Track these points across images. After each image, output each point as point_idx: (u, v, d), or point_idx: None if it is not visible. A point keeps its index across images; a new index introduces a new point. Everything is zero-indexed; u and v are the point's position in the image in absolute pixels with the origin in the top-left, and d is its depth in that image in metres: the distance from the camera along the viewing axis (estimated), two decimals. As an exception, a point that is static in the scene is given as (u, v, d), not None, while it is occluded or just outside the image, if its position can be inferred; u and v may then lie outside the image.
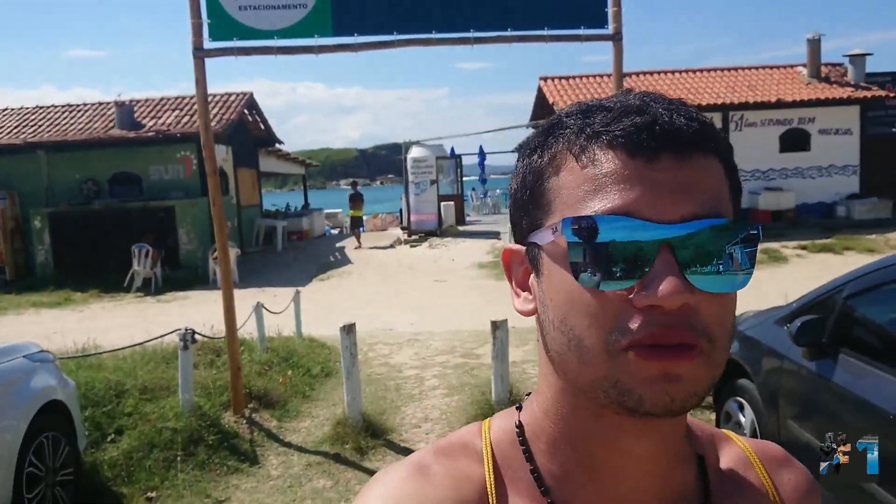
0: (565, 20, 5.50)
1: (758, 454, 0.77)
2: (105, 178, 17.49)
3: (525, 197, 0.65)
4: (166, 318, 11.49)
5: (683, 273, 0.56)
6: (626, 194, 0.57)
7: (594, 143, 0.60)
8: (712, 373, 0.59)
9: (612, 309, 0.57)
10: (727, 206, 0.61)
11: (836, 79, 20.19)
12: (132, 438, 4.87)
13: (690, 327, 0.57)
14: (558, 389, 0.66)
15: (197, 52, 5.25)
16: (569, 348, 0.60)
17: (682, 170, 0.58)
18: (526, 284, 0.68)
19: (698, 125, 0.60)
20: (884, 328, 3.39)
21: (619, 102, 0.62)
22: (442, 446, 0.71)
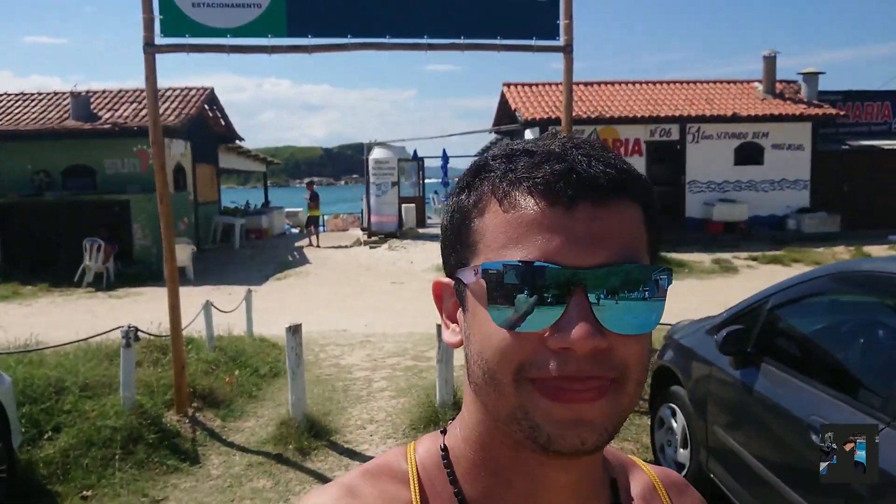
0: (518, 30, 5.60)
1: (662, 481, 0.81)
2: (58, 170, 17.13)
3: (453, 235, 0.68)
4: (117, 314, 11.32)
5: (596, 317, 0.59)
6: (544, 242, 0.60)
7: (516, 189, 0.62)
8: (622, 408, 0.61)
9: (527, 347, 0.60)
10: (642, 250, 0.63)
11: (789, 95, 20.75)
12: (70, 436, 4.80)
13: (602, 366, 0.59)
14: (479, 419, 0.68)
15: (148, 48, 5.22)
16: (486, 382, 0.63)
17: (597, 218, 0.60)
18: (455, 317, 0.70)
19: (616, 172, 0.62)
20: (802, 339, 3.54)
21: (542, 148, 0.64)
22: (368, 469, 0.73)
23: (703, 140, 19.67)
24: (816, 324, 3.52)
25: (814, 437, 2.81)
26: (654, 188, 0.67)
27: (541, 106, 19.57)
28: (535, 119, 18.78)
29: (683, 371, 4.27)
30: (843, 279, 3.38)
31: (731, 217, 19.13)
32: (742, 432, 3.56)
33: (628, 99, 20.41)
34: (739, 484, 3.54)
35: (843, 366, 3.18)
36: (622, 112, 19.45)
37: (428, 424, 5.41)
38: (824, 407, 2.87)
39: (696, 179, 19.71)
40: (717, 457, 3.82)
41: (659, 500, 0.78)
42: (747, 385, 3.48)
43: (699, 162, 19.57)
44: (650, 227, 0.66)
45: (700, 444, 4.02)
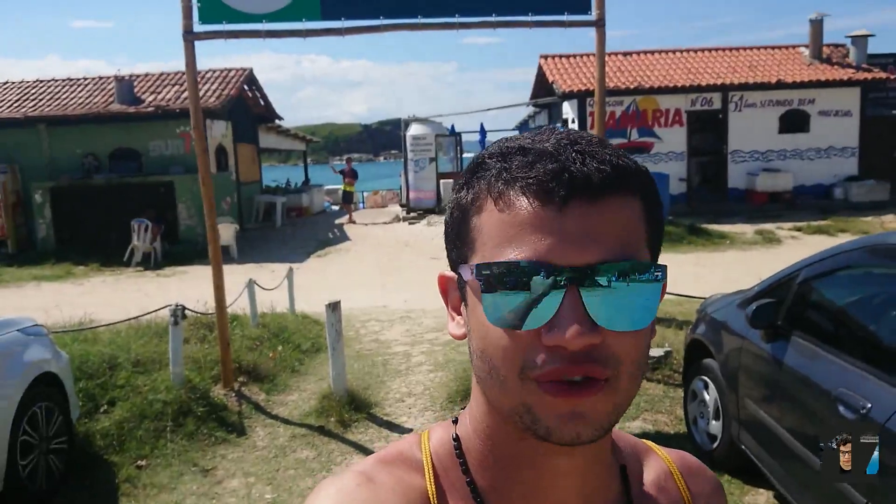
0: (549, 6, 5.59)
1: (677, 465, 0.82)
2: (105, 153, 17.59)
3: (453, 231, 0.69)
4: (165, 292, 11.69)
5: (589, 314, 0.60)
6: (537, 242, 0.61)
7: (510, 189, 0.63)
8: (618, 402, 0.63)
9: (522, 345, 0.61)
10: (639, 246, 0.64)
11: (837, 60, 20.13)
12: (124, 409, 5.06)
13: (595, 361, 0.60)
14: (486, 410, 0.70)
15: (187, 35, 5.36)
16: (489, 377, 0.64)
17: (590, 216, 0.61)
18: (459, 309, 0.71)
19: (610, 169, 0.62)
20: (832, 312, 3.54)
21: (536, 145, 0.65)
22: (383, 457, 0.74)
23: (746, 108, 19.25)
24: (848, 297, 3.52)
25: (841, 409, 2.84)
26: (654, 181, 0.68)
27: (578, 78, 19.35)
28: (572, 91, 18.60)
29: (715, 344, 4.31)
30: (877, 252, 3.36)
31: (776, 187, 18.76)
32: (772, 405, 3.60)
33: (668, 68, 20.05)
34: (770, 455, 3.58)
35: (873, 339, 3.18)
36: (662, 82, 19.12)
37: (465, 397, 5.54)
38: (852, 379, 2.90)
39: (739, 149, 19.34)
40: (748, 428, 3.86)
41: (674, 483, 0.80)
42: (777, 358, 3.51)
43: (742, 131, 19.18)
44: (650, 221, 0.66)
45: (732, 417, 4.06)
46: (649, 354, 0.66)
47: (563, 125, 21.04)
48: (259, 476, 4.55)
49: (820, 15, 20.25)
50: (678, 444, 4.60)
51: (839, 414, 2.85)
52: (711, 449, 4.33)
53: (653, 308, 0.63)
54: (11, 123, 17.19)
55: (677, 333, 6.84)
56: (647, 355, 0.66)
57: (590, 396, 0.60)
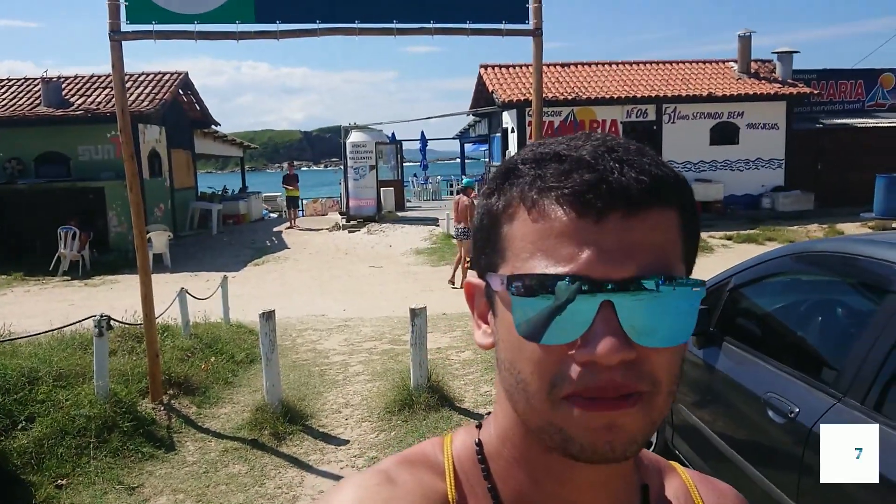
0: (487, 14, 5.60)
1: (697, 485, 0.80)
2: (31, 157, 16.90)
3: (482, 238, 0.67)
4: (93, 302, 11.26)
5: (624, 329, 0.57)
6: (573, 254, 0.58)
7: (544, 198, 0.61)
8: (654, 418, 0.61)
9: (554, 360, 0.59)
10: (675, 259, 0.62)
11: (764, 75, 20.91)
12: (44, 426, 4.80)
13: (630, 377, 0.58)
14: (512, 420, 0.68)
15: (114, 35, 5.16)
16: (517, 391, 0.62)
17: (628, 229, 0.59)
18: (486, 318, 0.69)
19: (650, 180, 0.60)
20: (760, 318, 3.63)
21: (572, 152, 0.62)
22: (406, 457, 0.73)
23: (679, 120, 19.79)
24: (776, 303, 3.61)
25: (770, 414, 2.90)
26: (692, 191, 0.65)
27: (518, 87, 19.55)
28: (512, 101, 18.78)
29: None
30: (801, 259, 3.46)
31: (707, 197, 19.31)
32: (704, 410, 3.65)
33: (605, 80, 20.46)
34: (702, 459, 3.63)
35: (799, 344, 3.27)
36: (599, 93, 19.49)
37: (402, 408, 5.47)
38: (780, 384, 2.95)
39: (673, 159, 19.78)
40: (681, 434, 3.91)
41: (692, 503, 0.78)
42: (709, 364, 3.57)
43: (675, 142, 19.70)
44: (687, 232, 0.64)
45: (665, 422, 4.11)
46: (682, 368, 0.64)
47: (504, 134, 21.24)
48: (188, 493, 4.38)
49: (748, 31, 21.01)
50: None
51: (768, 418, 2.90)
52: (646, 454, 4.37)
53: (690, 323, 0.61)
54: (-72, 125, 16.35)
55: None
56: (682, 369, 0.63)
57: (626, 409, 0.58)
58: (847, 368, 2.68)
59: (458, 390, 5.97)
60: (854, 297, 3.13)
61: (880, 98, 21.99)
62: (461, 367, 6.79)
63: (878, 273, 2.77)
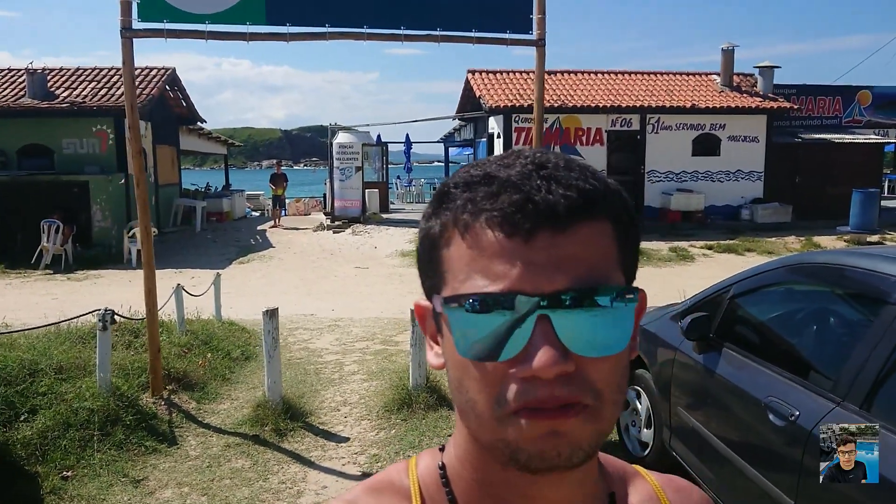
0: (493, 24, 5.73)
1: (663, 487, 0.81)
2: (13, 149, 16.72)
3: (423, 262, 0.68)
4: (78, 297, 11.19)
5: (562, 342, 0.58)
6: (504, 272, 0.59)
7: (475, 221, 0.62)
8: (599, 428, 0.61)
9: (497, 378, 0.60)
10: (610, 269, 0.63)
11: (746, 88, 21.31)
12: (47, 418, 4.83)
13: (571, 390, 0.59)
14: (468, 439, 0.68)
15: (125, 33, 5.21)
16: (467, 408, 0.64)
17: (557, 245, 0.60)
18: (437, 338, 0.70)
19: (577, 194, 0.61)
20: (760, 325, 3.79)
21: (500, 173, 0.63)
22: (371, 485, 0.73)
23: (663, 130, 20.09)
24: (774, 311, 3.77)
25: (771, 417, 3.04)
26: (627, 200, 0.67)
27: (505, 94, 19.73)
28: (499, 107, 18.94)
29: (648, 355, 4.50)
30: (799, 270, 3.62)
31: (689, 207, 19.62)
32: (703, 412, 3.80)
33: (591, 88, 20.71)
34: (700, 461, 3.78)
35: (798, 351, 3.43)
36: (584, 101, 19.73)
37: (401, 406, 5.57)
38: (781, 388, 3.11)
39: (656, 169, 20.14)
40: (679, 436, 4.06)
41: None
42: (709, 368, 3.72)
43: (658, 152, 20.00)
44: (623, 243, 0.64)
45: (663, 425, 4.26)
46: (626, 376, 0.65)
47: (490, 139, 21.39)
48: (193, 486, 4.44)
49: (731, 45, 21.40)
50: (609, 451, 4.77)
51: (769, 421, 3.05)
52: (643, 455, 4.52)
53: (627, 332, 0.62)
54: None
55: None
56: (627, 378, 0.65)
57: (569, 419, 0.59)
58: (845, 374, 2.84)
59: (454, 391, 6.06)
60: (850, 306, 3.29)
61: (857, 115, 22.55)
62: (455, 369, 6.89)
63: (874, 285, 2.94)
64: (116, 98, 16.74)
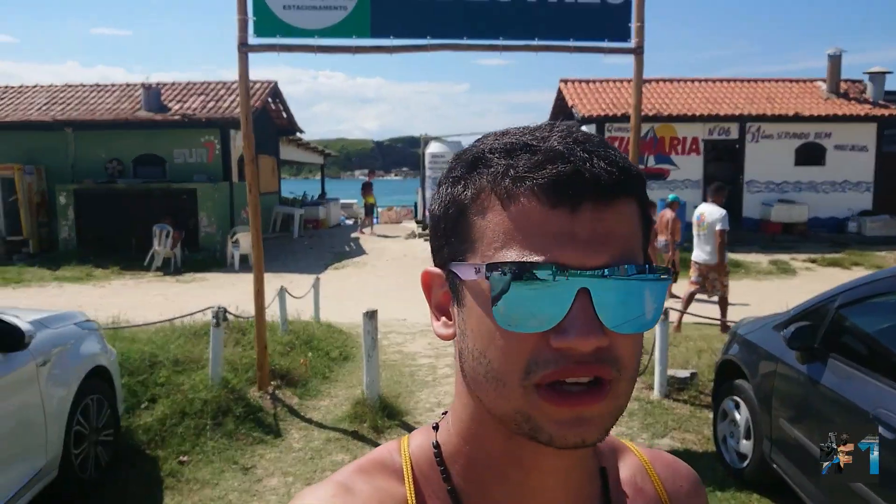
0: (590, 32, 5.77)
1: (652, 462, 0.82)
2: (130, 159, 17.89)
3: (447, 227, 0.67)
4: (186, 297, 11.86)
5: (598, 316, 0.59)
6: (548, 243, 0.60)
7: (518, 188, 0.61)
8: (619, 405, 0.62)
9: (528, 348, 0.60)
10: (638, 248, 0.64)
11: (854, 95, 20.34)
12: (165, 406, 5.20)
13: (602, 362, 0.60)
14: (473, 412, 0.68)
15: (242, 48, 5.56)
16: (486, 379, 0.63)
17: (600, 219, 0.61)
18: (446, 308, 0.69)
19: (617, 171, 0.62)
20: (869, 336, 3.67)
21: (542, 144, 0.63)
22: (362, 465, 0.73)
23: (763, 139, 19.45)
24: (884, 322, 3.65)
25: (881, 430, 2.96)
26: (645, 182, 0.67)
27: (598, 102, 19.58)
28: (591, 116, 18.82)
29: (749, 365, 4.43)
30: (912, 280, 3.50)
31: (790, 218, 18.88)
32: (807, 424, 3.72)
33: (687, 97, 20.27)
34: (803, 473, 3.69)
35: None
36: (680, 110, 19.33)
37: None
38: (891, 400, 3.02)
39: (755, 179, 19.50)
40: (781, 447, 3.98)
41: (649, 481, 0.80)
42: (813, 379, 3.63)
43: (758, 161, 19.36)
44: (644, 223, 0.66)
45: (764, 436, 4.18)
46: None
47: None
48: (297, 476, 4.68)
49: (838, 50, 20.48)
50: (707, 463, 4.73)
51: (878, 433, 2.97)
52: (741, 467, 4.44)
53: (659, 310, 0.63)
54: (39, 126, 17.50)
55: (700, 355, 6.96)
56: (640, 362, 0.65)
57: (594, 403, 0.60)
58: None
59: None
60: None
61: (980, 122, 21.10)
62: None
63: None
64: (223, 111, 17.64)
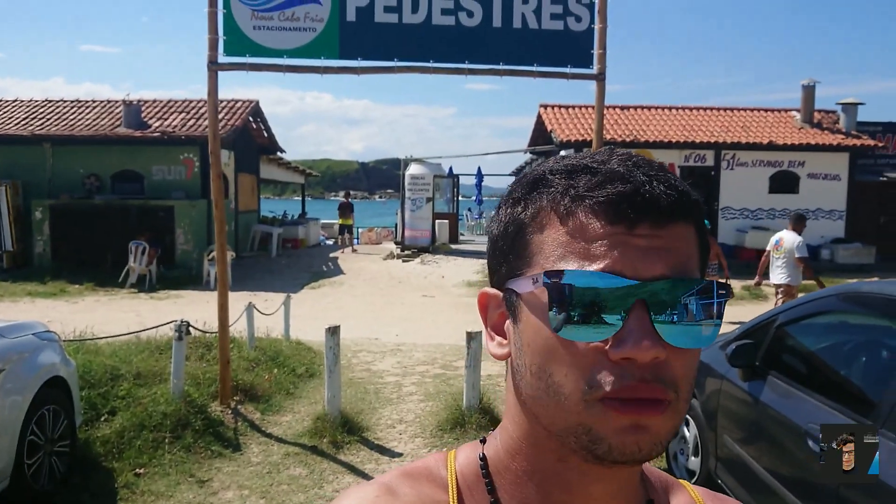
0: (554, 58, 5.93)
1: (706, 501, 0.80)
2: (108, 175, 17.86)
3: (506, 246, 0.67)
4: (159, 314, 11.80)
5: (655, 328, 0.59)
6: (605, 254, 0.60)
7: (578, 207, 0.62)
8: (676, 423, 0.62)
9: (588, 360, 0.60)
10: (695, 269, 0.64)
11: (828, 125, 20.77)
12: (124, 419, 5.21)
13: (661, 381, 0.60)
14: (526, 430, 0.68)
15: (211, 66, 5.66)
16: (546, 394, 0.62)
17: (657, 237, 0.61)
18: (501, 329, 0.69)
19: (676, 194, 0.63)
20: (804, 354, 3.79)
21: (602, 166, 0.64)
22: (408, 470, 0.73)
23: (738, 167, 19.77)
24: (820, 340, 3.77)
25: (810, 443, 3.06)
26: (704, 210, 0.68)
27: (576, 128, 19.85)
28: (570, 140, 19.06)
29: (697, 384, 4.53)
30: (849, 299, 3.63)
31: (764, 244, 19.08)
32: (748, 441, 3.81)
33: (664, 123, 20.61)
34: (746, 491, 3.77)
35: (840, 379, 3.42)
36: (657, 136, 19.64)
37: (454, 426, 5.71)
38: (821, 415, 3.12)
39: (730, 206, 19.79)
40: (725, 465, 4.06)
41: None
42: (754, 396, 3.74)
43: (733, 188, 19.66)
44: (702, 248, 0.66)
45: (710, 454, 4.27)
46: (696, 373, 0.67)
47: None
48: (253, 489, 4.70)
49: (812, 81, 20.94)
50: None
51: (808, 447, 3.07)
52: (690, 484, 4.51)
53: (717, 327, 0.63)
54: (18, 140, 17.46)
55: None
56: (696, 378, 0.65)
57: (654, 414, 0.60)
58: (884, 402, 2.85)
59: (508, 415, 6.18)
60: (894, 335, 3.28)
61: (949, 153, 21.59)
62: (511, 394, 7.01)
63: (918, 314, 2.95)
64: (203, 128, 17.70)
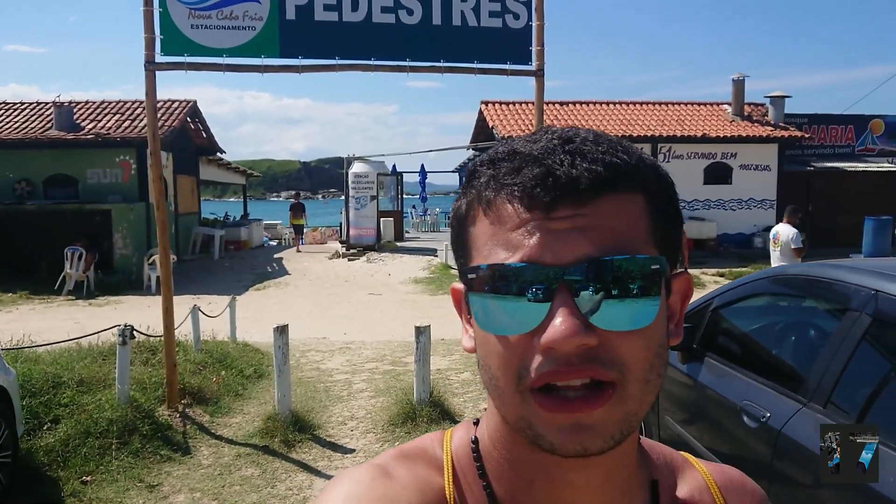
0: (493, 55, 6.04)
1: (715, 479, 0.78)
2: (40, 179, 17.28)
3: (454, 242, 0.68)
4: (99, 321, 11.48)
5: (583, 313, 0.56)
6: (525, 243, 0.58)
7: (497, 196, 0.61)
8: (626, 409, 0.58)
9: (517, 350, 0.58)
10: (639, 241, 0.60)
11: (757, 118, 21.55)
12: (68, 427, 5.10)
13: (597, 362, 0.57)
14: (498, 420, 0.67)
15: (149, 66, 5.58)
16: (491, 386, 0.62)
17: (579, 217, 0.58)
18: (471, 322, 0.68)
19: (603, 168, 0.59)
20: (739, 335, 3.98)
21: (524, 149, 0.62)
22: (404, 451, 0.72)
23: (674, 159, 20.33)
24: (752, 321, 3.97)
25: (745, 419, 3.23)
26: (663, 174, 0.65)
27: (517, 124, 20.11)
28: (511, 136, 19.24)
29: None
30: (776, 281, 3.82)
31: (701, 235, 19.76)
32: (689, 421, 3.98)
33: (602, 119, 21.05)
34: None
35: (771, 357, 3.62)
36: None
37: (406, 420, 5.77)
38: (755, 393, 3.29)
39: (668, 198, 20.35)
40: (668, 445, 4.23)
41: (710, 497, 0.75)
42: (692, 377, 3.91)
43: (670, 181, 20.21)
44: (656, 215, 0.62)
45: (653, 435, 4.43)
46: (663, 356, 0.62)
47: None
48: (205, 492, 4.67)
49: (742, 76, 21.69)
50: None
51: (743, 423, 3.24)
52: (635, 465, 4.68)
53: (654, 305, 0.59)
54: (-59, 146, 16.75)
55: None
56: (664, 358, 0.62)
57: (593, 408, 0.57)
58: (811, 377, 3.03)
59: (458, 406, 6.28)
60: (819, 314, 3.49)
61: (870, 143, 22.65)
62: (460, 387, 7.11)
63: (838, 293, 3.14)
64: (139, 130, 17.29)
